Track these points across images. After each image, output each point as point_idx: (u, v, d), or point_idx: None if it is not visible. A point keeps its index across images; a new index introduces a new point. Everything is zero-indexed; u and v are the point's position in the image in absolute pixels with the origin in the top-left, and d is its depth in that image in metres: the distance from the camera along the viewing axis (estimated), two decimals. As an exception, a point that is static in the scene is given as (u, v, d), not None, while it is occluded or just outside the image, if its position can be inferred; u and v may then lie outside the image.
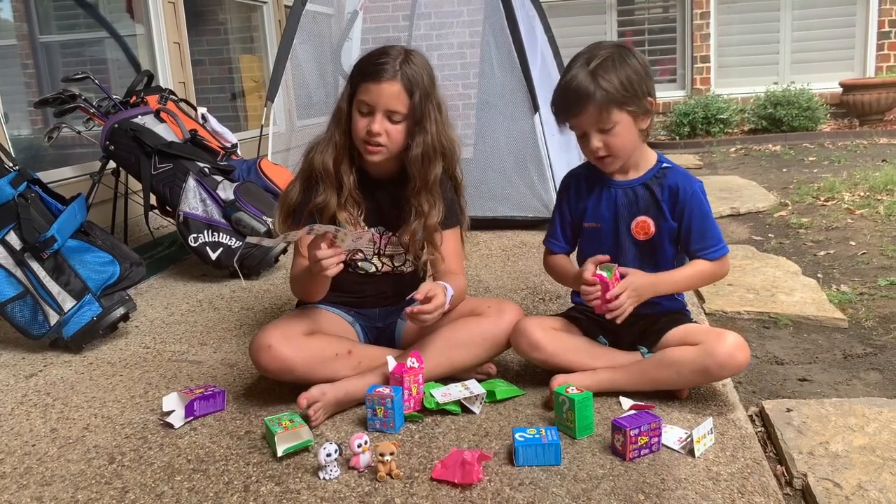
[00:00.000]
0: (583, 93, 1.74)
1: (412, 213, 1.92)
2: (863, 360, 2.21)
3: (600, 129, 1.78)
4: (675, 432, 1.62)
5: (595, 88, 1.73)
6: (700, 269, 1.86)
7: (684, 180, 1.86)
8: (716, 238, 1.86)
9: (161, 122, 3.28)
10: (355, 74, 1.87)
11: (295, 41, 4.03)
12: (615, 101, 1.74)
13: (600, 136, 1.79)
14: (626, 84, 1.75)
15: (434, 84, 1.89)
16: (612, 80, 1.73)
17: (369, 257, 2.00)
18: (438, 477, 1.50)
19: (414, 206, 1.92)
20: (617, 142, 1.79)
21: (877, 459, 1.56)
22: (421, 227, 1.92)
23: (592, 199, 1.94)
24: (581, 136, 1.83)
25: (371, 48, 1.91)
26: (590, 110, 1.75)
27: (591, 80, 1.73)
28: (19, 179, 2.43)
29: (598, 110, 1.75)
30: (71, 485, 1.59)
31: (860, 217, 3.92)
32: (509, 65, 3.70)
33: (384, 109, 1.82)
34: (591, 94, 1.73)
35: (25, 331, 2.41)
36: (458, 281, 1.94)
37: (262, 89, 5.85)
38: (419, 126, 1.85)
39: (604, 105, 1.74)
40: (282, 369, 1.81)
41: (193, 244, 3.07)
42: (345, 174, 1.90)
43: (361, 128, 1.84)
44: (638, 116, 1.80)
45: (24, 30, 4.29)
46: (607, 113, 1.75)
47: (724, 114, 7.30)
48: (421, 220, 1.91)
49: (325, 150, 1.90)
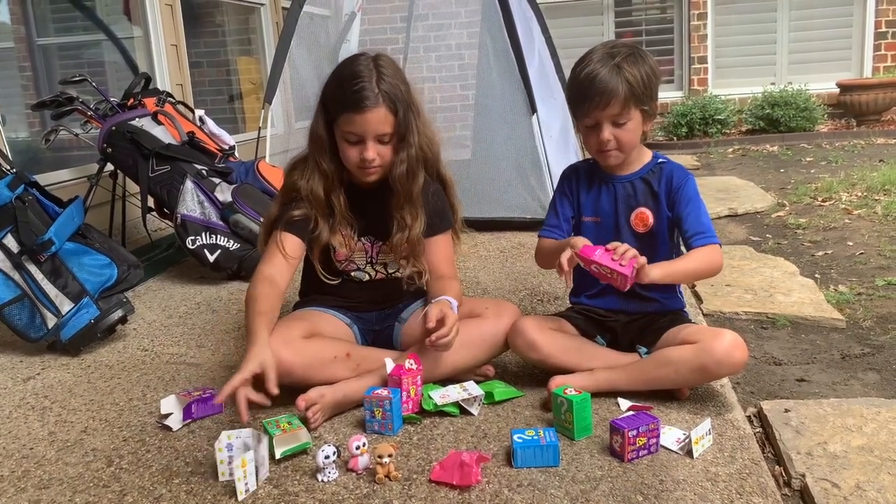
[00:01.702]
0: (609, 86, 1.77)
1: (395, 226, 1.93)
2: (861, 360, 2.21)
3: (614, 122, 1.82)
4: (674, 433, 1.62)
5: (620, 83, 1.77)
6: (699, 255, 1.83)
7: (679, 170, 1.93)
8: (709, 225, 1.87)
9: (158, 124, 3.28)
10: (332, 102, 1.83)
11: (292, 43, 4.03)
12: (636, 97, 1.79)
13: (612, 129, 1.82)
14: (646, 82, 1.80)
15: (410, 89, 1.86)
16: (636, 75, 1.79)
17: (362, 267, 2.01)
18: (437, 479, 1.50)
19: (397, 220, 1.93)
20: (626, 136, 1.84)
21: (875, 460, 1.56)
22: (404, 239, 1.93)
23: (592, 194, 1.97)
24: (592, 125, 1.84)
25: (369, 48, 1.90)
26: (612, 104, 1.78)
27: (616, 74, 1.77)
28: (17, 182, 2.43)
29: (621, 104, 1.79)
30: (69, 488, 1.59)
31: (858, 217, 3.93)
32: (507, 66, 3.70)
33: (374, 136, 1.81)
34: (616, 87, 1.77)
35: (23, 334, 2.40)
36: (454, 287, 1.95)
37: (260, 91, 5.85)
38: (403, 142, 1.85)
39: (626, 100, 1.78)
40: (280, 373, 1.79)
41: (191, 246, 3.07)
42: (335, 198, 1.92)
43: (354, 156, 1.84)
44: (647, 116, 1.85)
45: (21, 32, 4.29)
46: (626, 108, 1.80)
47: (722, 114, 7.31)
48: (405, 233, 1.92)
49: (312, 178, 1.89)
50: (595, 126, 1.84)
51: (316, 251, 1.97)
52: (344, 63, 1.86)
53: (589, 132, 1.87)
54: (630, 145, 1.87)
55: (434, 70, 5.35)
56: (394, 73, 1.82)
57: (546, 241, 2.02)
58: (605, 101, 1.78)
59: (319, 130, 1.87)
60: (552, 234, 2.01)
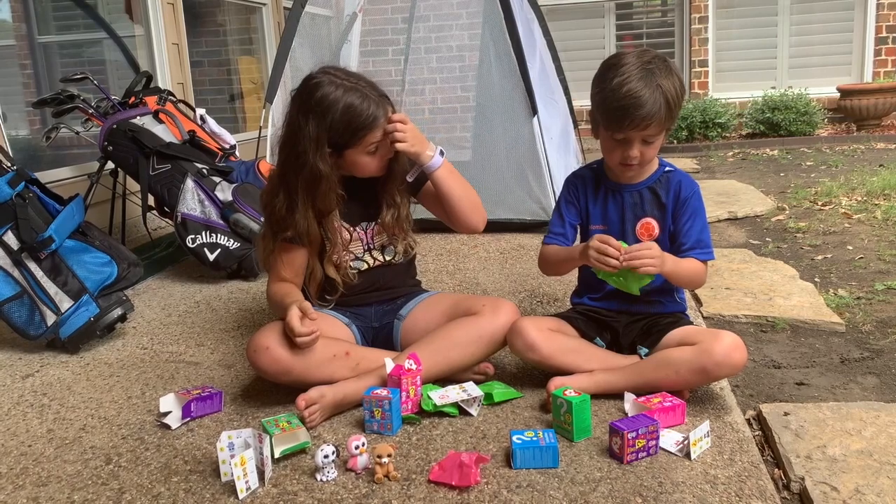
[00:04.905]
0: (653, 110, 1.75)
1: (384, 206, 2.01)
2: (860, 364, 2.21)
3: (644, 140, 1.81)
4: (672, 435, 1.62)
5: (661, 105, 1.76)
6: (694, 264, 1.88)
7: (687, 180, 1.94)
8: (708, 242, 1.91)
9: (159, 122, 3.28)
10: (342, 133, 1.83)
11: (294, 43, 4.03)
12: (671, 118, 1.81)
13: (640, 146, 1.82)
14: (678, 101, 1.81)
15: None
16: (673, 94, 1.78)
17: (361, 255, 2.04)
18: (436, 479, 1.50)
19: (385, 200, 2.01)
20: (650, 153, 1.86)
21: (874, 463, 1.56)
22: (395, 217, 2.01)
23: (600, 203, 1.98)
24: (621, 140, 1.82)
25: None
26: (653, 126, 1.78)
27: (659, 95, 1.75)
28: (17, 179, 2.43)
29: (658, 126, 1.79)
30: (67, 485, 1.59)
31: (857, 221, 3.93)
32: (508, 68, 3.70)
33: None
34: (658, 111, 1.76)
35: (22, 331, 2.40)
36: None
37: (261, 91, 5.86)
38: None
39: (663, 121, 1.79)
40: (279, 371, 1.81)
41: (191, 245, 3.07)
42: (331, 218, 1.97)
43: (378, 165, 1.93)
44: (668, 131, 1.87)
45: (22, 30, 4.29)
46: (660, 128, 1.80)
47: (722, 118, 7.31)
48: (394, 209, 2.01)
49: (307, 215, 1.90)
50: (624, 140, 1.82)
51: (311, 286, 2.02)
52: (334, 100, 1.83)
53: (615, 145, 1.85)
54: (650, 159, 1.89)
55: (435, 71, 5.35)
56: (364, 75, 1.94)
57: (552, 249, 2.01)
58: (646, 123, 1.77)
59: (322, 166, 1.85)
60: (558, 241, 2.01)
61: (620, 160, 1.86)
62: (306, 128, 1.82)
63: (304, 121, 1.83)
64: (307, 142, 1.83)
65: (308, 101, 1.84)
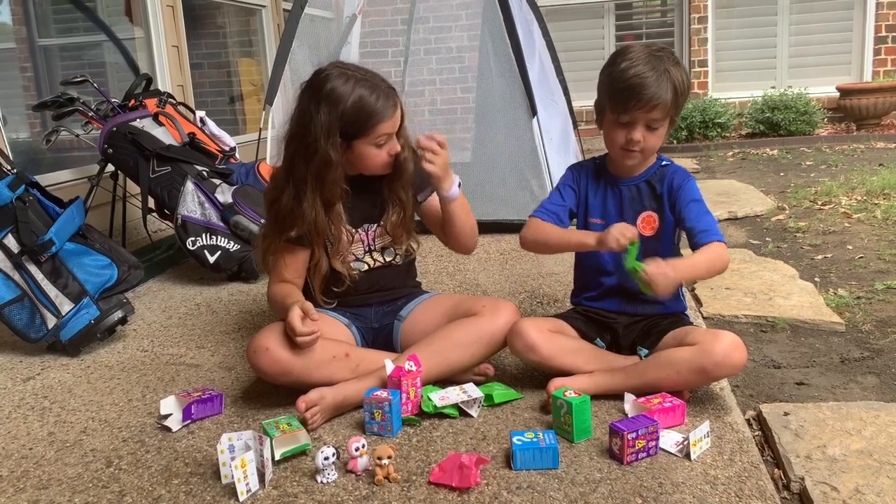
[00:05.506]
0: (660, 91, 1.78)
1: (390, 205, 2.02)
2: (860, 363, 2.21)
3: (649, 125, 1.83)
4: (672, 436, 1.62)
5: (669, 89, 1.79)
6: (706, 253, 1.82)
7: (680, 171, 1.95)
8: (712, 223, 1.88)
9: (159, 125, 3.29)
10: (353, 123, 1.84)
11: (294, 45, 4.03)
12: (676, 106, 1.82)
13: (644, 131, 1.83)
14: (685, 91, 1.83)
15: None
16: (681, 82, 1.81)
17: (361, 257, 2.04)
18: (436, 481, 1.50)
19: (391, 200, 2.01)
20: (653, 141, 1.86)
21: (874, 463, 1.56)
22: (401, 218, 2.02)
23: (599, 196, 1.98)
24: (626, 123, 1.84)
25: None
26: (658, 108, 1.80)
27: (667, 80, 1.78)
28: (17, 182, 2.43)
29: (665, 110, 1.81)
30: (68, 488, 1.59)
31: (857, 221, 3.93)
32: (508, 69, 3.71)
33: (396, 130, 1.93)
34: (665, 93, 1.78)
35: (23, 334, 2.40)
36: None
37: (261, 93, 5.86)
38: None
39: (669, 107, 1.80)
40: (279, 372, 1.82)
41: (191, 247, 3.07)
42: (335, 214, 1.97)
43: (385, 159, 1.93)
44: (671, 125, 1.88)
45: (22, 33, 4.29)
46: (666, 114, 1.82)
47: (722, 118, 7.31)
48: (399, 208, 2.01)
49: (315, 205, 1.90)
50: (628, 123, 1.83)
51: (315, 280, 2.01)
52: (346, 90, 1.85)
53: (619, 127, 1.85)
54: (653, 150, 1.90)
55: (434, 73, 5.36)
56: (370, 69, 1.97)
57: (547, 225, 1.97)
58: (653, 104, 1.78)
59: (333, 154, 1.85)
60: (551, 219, 1.98)
61: (623, 144, 1.86)
62: (318, 116, 1.83)
63: (316, 110, 1.84)
64: (319, 130, 1.84)
65: (319, 92, 1.85)
